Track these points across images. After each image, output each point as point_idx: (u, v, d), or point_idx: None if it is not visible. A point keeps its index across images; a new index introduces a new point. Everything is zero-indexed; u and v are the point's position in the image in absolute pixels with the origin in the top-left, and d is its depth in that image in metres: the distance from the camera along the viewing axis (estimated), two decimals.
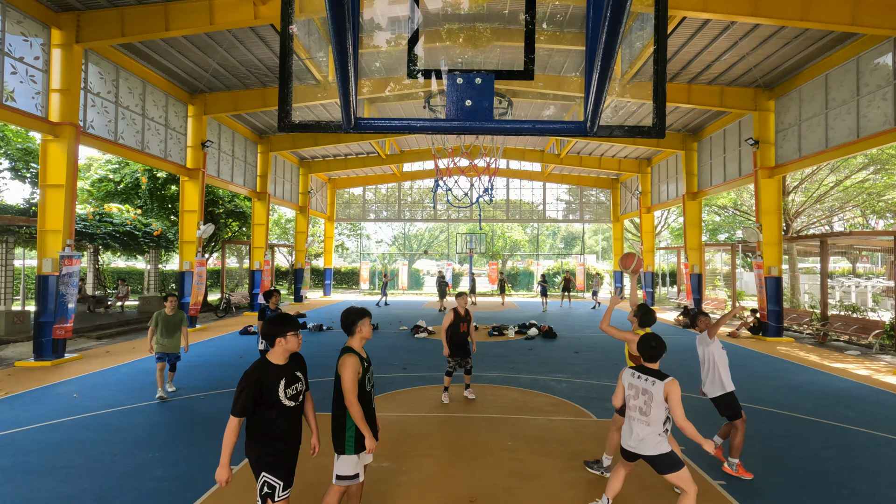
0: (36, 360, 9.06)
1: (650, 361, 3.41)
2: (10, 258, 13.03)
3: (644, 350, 3.41)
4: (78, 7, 9.67)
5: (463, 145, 12.54)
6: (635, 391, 3.40)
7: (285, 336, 2.87)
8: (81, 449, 4.94)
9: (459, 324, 6.74)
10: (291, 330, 2.90)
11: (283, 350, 2.88)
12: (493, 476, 4.42)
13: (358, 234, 39.19)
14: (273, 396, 2.78)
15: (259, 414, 2.78)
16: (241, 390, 2.73)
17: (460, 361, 6.78)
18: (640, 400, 3.35)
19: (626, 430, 3.45)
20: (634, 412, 3.38)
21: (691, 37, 11.29)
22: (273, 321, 2.90)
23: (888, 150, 18.73)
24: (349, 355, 3.10)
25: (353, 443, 3.10)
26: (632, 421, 3.40)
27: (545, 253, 42.65)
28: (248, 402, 2.72)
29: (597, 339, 12.53)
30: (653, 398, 3.27)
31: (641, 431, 3.32)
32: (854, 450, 5.16)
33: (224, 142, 16.39)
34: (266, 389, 2.77)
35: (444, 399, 6.75)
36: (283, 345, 2.87)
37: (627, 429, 3.44)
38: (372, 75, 13.55)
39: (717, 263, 23.64)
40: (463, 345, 6.75)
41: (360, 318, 3.21)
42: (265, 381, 2.78)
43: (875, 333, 11.42)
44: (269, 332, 2.87)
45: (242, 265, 28.90)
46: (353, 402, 3.03)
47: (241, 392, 2.72)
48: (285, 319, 2.92)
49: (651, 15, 1.96)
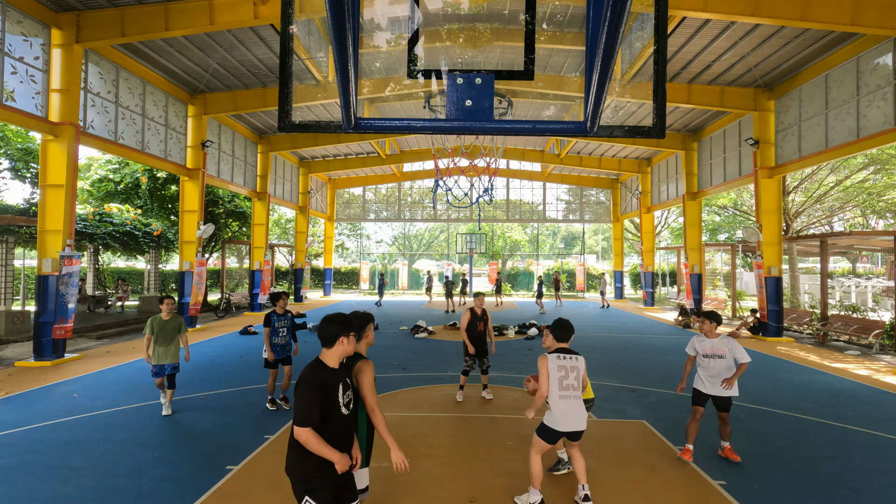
0: (36, 360, 9.06)
1: (565, 342, 3.87)
2: (10, 258, 13.04)
3: (559, 332, 3.86)
4: (78, 7, 9.67)
5: (463, 145, 12.55)
6: (566, 371, 3.73)
7: (349, 336, 2.63)
8: (81, 449, 4.94)
9: (476, 323, 6.78)
10: (354, 330, 2.70)
11: (343, 353, 2.63)
12: (493, 476, 4.42)
13: (358, 234, 39.19)
14: (333, 402, 2.50)
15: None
16: (308, 395, 2.41)
17: (478, 361, 6.81)
18: (571, 378, 3.72)
19: (562, 414, 3.67)
20: (569, 391, 3.69)
21: (691, 37, 11.29)
22: (333, 320, 2.64)
23: (888, 150, 18.73)
24: (366, 361, 2.96)
25: (366, 454, 3.00)
26: (568, 400, 3.68)
27: (545, 253, 42.64)
28: (316, 408, 2.41)
29: (597, 339, 12.53)
30: (579, 372, 3.75)
31: (577, 406, 3.70)
32: (854, 450, 5.16)
33: (224, 142, 16.39)
34: (328, 394, 2.49)
35: (459, 398, 6.80)
36: (345, 345, 2.62)
37: (565, 412, 3.67)
38: (372, 75, 13.56)
39: (717, 263, 23.64)
40: (480, 344, 6.78)
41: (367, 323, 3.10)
42: (327, 384, 2.51)
43: (875, 333, 11.42)
44: (329, 333, 2.59)
45: (242, 265, 28.90)
46: (376, 407, 2.89)
47: (309, 397, 2.40)
48: (348, 319, 2.69)
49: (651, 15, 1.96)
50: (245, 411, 6.22)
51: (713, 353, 4.71)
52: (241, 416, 6.02)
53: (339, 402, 2.53)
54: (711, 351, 4.72)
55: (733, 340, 4.71)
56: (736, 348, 4.67)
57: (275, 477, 4.31)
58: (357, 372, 2.91)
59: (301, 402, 2.40)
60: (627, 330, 14.36)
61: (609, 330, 14.25)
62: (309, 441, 2.38)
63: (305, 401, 2.39)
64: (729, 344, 4.70)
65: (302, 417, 2.38)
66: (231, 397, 6.86)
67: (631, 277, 31.53)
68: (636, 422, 6.00)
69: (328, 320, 2.65)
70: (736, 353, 4.66)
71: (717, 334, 4.78)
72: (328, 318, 2.66)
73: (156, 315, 6.07)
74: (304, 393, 2.41)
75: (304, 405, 2.38)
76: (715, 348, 4.71)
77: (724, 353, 4.68)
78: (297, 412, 2.40)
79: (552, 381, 3.69)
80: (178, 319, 6.11)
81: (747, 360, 4.61)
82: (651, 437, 5.42)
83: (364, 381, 2.88)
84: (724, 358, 4.69)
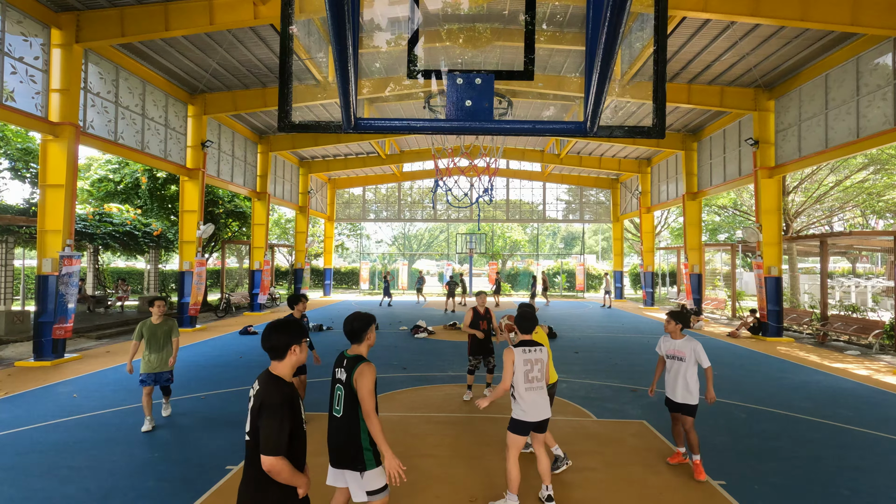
0: (36, 360, 9.05)
1: (529, 333, 3.93)
2: (10, 258, 13.04)
3: (523, 324, 3.92)
4: (78, 7, 9.67)
5: (463, 145, 12.54)
6: (531, 364, 3.79)
7: (300, 344, 2.35)
8: (81, 449, 4.94)
9: (479, 322, 6.79)
10: (306, 336, 2.42)
11: (296, 363, 2.35)
12: (493, 476, 4.42)
13: (358, 234, 39.19)
14: (298, 420, 2.26)
15: None
16: (279, 420, 2.13)
17: (482, 360, 6.84)
18: (536, 370, 3.79)
19: (530, 405, 3.74)
20: (534, 383, 3.78)
21: (691, 37, 11.29)
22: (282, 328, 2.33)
23: (888, 150, 18.73)
24: (368, 364, 2.88)
25: (373, 455, 2.90)
26: (533, 392, 3.77)
27: (545, 253, 42.63)
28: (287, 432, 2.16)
29: (597, 339, 12.53)
30: (543, 364, 3.84)
31: (542, 396, 3.79)
32: (854, 450, 5.16)
33: (224, 142, 16.39)
34: (294, 414, 2.23)
35: (466, 397, 6.83)
36: (298, 355, 2.34)
37: (532, 403, 3.75)
38: (372, 75, 13.56)
39: (717, 263, 23.65)
40: (484, 343, 6.80)
41: (370, 324, 3.00)
42: (293, 402, 2.25)
43: (875, 333, 11.42)
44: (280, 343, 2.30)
45: (242, 265, 28.90)
46: (372, 414, 2.81)
47: (280, 421, 2.13)
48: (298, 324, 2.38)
49: (651, 15, 1.96)
50: (245, 411, 6.21)
51: (674, 353, 4.53)
52: (240, 416, 6.02)
53: (303, 418, 2.33)
54: (672, 352, 4.55)
55: (698, 343, 4.47)
56: (699, 351, 4.42)
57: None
58: (358, 375, 2.84)
59: (273, 428, 2.11)
60: (627, 330, 14.36)
61: (609, 330, 14.25)
62: (282, 471, 2.11)
63: (277, 427, 2.12)
64: (692, 346, 4.46)
65: (275, 446, 2.11)
66: (231, 397, 6.86)
67: (631, 277, 31.54)
68: (636, 422, 6.00)
69: (276, 328, 2.32)
70: (699, 357, 4.41)
71: (682, 335, 4.56)
72: (275, 326, 2.33)
73: (145, 319, 5.57)
74: (276, 418, 2.13)
75: (277, 432, 2.11)
76: (676, 349, 4.51)
77: (685, 356, 4.45)
78: (270, 441, 2.10)
79: (518, 375, 3.76)
80: (171, 323, 5.65)
81: (706, 364, 4.41)
82: (651, 437, 5.42)
83: (364, 385, 2.81)
84: (684, 361, 4.45)
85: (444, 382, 7.82)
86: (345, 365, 2.95)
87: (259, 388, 2.26)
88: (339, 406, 2.91)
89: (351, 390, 2.85)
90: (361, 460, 2.85)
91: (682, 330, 4.59)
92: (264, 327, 2.42)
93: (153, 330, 5.50)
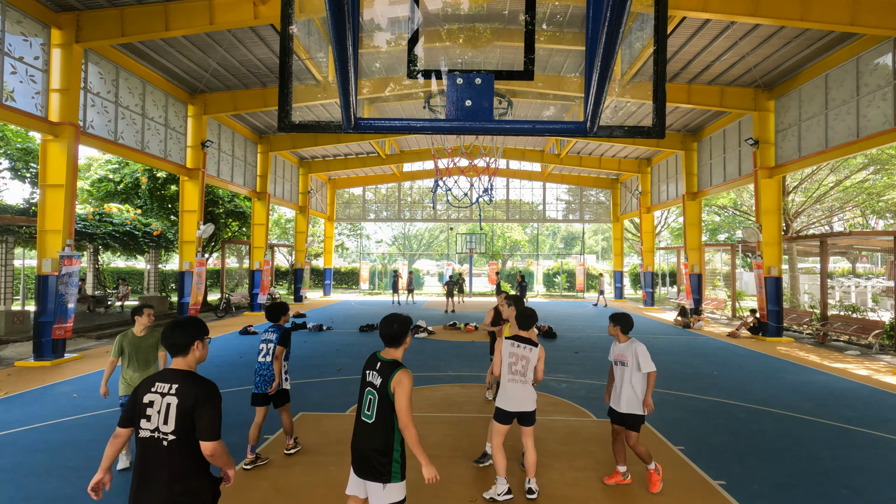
0: (36, 360, 9.05)
1: (526, 330, 4.10)
2: (10, 258, 13.04)
3: (521, 320, 4.10)
4: (78, 7, 9.67)
5: (463, 145, 12.54)
6: (516, 358, 3.98)
7: (203, 340, 2.45)
8: (81, 449, 4.94)
9: (501, 321, 6.78)
10: (206, 334, 2.48)
11: (199, 358, 2.45)
12: (493, 476, 4.41)
13: (358, 234, 39.20)
14: None
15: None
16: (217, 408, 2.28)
17: None
18: (520, 365, 3.97)
19: (510, 396, 3.96)
20: (516, 376, 3.97)
21: (691, 37, 11.29)
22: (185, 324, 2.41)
23: (888, 150, 18.73)
24: (405, 371, 2.74)
25: (400, 468, 2.77)
26: (515, 384, 3.96)
27: (545, 253, 42.64)
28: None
29: (596, 339, 12.53)
30: (529, 362, 3.98)
31: (523, 390, 3.95)
32: (854, 450, 5.16)
33: (224, 142, 16.39)
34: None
35: (489, 395, 6.88)
36: (201, 351, 2.45)
37: (511, 394, 3.96)
38: (372, 75, 13.55)
39: (717, 263, 23.65)
40: None
41: (409, 327, 2.90)
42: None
43: (875, 333, 11.42)
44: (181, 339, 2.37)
45: (242, 265, 28.91)
46: (410, 424, 2.67)
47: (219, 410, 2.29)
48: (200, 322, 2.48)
49: (651, 15, 1.96)
50: (244, 411, 6.21)
51: (618, 358, 4.21)
52: (239, 416, 6.01)
53: None
54: (616, 356, 4.24)
55: (640, 346, 4.12)
56: (641, 355, 4.06)
57: (275, 477, 4.31)
58: (396, 383, 2.68)
59: (216, 416, 2.25)
60: None
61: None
62: (224, 452, 2.29)
63: (218, 413, 2.28)
64: (634, 348, 4.11)
65: (218, 431, 2.25)
66: (230, 397, 6.86)
67: (631, 277, 31.54)
68: None
69: (179, 325, 2.39)
70: (640, 361, 4.04)
71: (627, 338, 4.23)
72: (179, 323, 2.40)
73: (125, 331, 4.61)
74: (217, 406, 2.28)
75: (219, 418, 2.27)
76: (620, 354, 4.19)
77: (627, 360, 4.11)
78: (214, 427, 2.22)
79: (504, 364, 4.01)
80: (157, 335, 4.65)
81: (650, 369, 4.02)
82: (651, 438, 5.42)
83: (402, 395, 2.67)
84: (627, 366, 4.11)
85: (444, 382, 7.82)
86: (378, 368, 2.79)
87: (180, 386, 2.27)
88: (371, 412, 2.75)
89: (387, 397, 2.70)
90: (388, 472, 2.71)
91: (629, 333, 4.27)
92: (165, 326, 2.44)
93: (136, 344, 4.55)
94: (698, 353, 10.79)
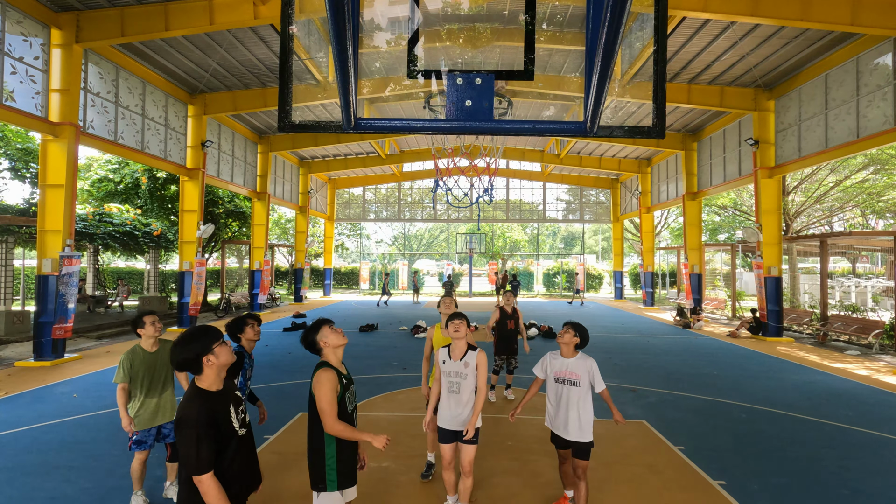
0: (36, 360, 9.05)
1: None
2: (10, 258, 13.04)
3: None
4: (78, 7, 9.67)
5: (463, 145, 12.53)
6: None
7: (213, 351, 2.21)
8: (81, 449, 4.94)
9: (506, 321, 6.78)
10: (216, 340, 2.25)
11: (218, 369, 2.23)
12: (493, 476, 4.42)
13: (358, 234, 39.20)
14: (228, 428, 2.18)
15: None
16: (195, 437, 2.03)
17: (507, 360, 6.84)
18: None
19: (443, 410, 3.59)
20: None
21: (691, 37, 11.29)
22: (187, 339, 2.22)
23: (888, 150, 18.73)
24: (325, 370, 2.62)
25: (336, 476, 2.60)
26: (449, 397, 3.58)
27: (545, 253, 42.64)
28: (210, 449, 2.07)
29: (596, 339, 12.52)
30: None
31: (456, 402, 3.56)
32: (854, 450, 5.16)
33: (224, 142, 16.39)
34: (221, 425, 2.16)
35: (491, 398, 6.81)
36: (215, 362, 2.22)
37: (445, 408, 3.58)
38: (372, 75, 13.55)
39: (717, 263, 23.65)
40: (510, 343, 6.79)
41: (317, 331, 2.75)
42: (217, 411, 2.17)
43: (875, 333, 11.42)
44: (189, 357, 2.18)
45: (242, 265, 28.91)
46: (333, 423, 2.53)
47: (197, 436, 2.04)
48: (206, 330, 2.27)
49: (651, 15, 1.96)
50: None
51: (564, 376, 3.57)
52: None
53: (234, 426, 2.21)
54: (563, 373, 3.58)
55: (594, 362, 3.58)
56: (595, 372, 3.54)
57: (275, 477, 4.31)
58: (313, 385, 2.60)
59: (188, 446, 2.02)
60: (627, 330, 14.36)
61: (609, 330, 14.25)
62: (208, 492, 2.03)
63: (191, 444, 2.02)
64: (588, 365, 3.55)
65: (196, 464, 2.02)
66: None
67: (631, 277, 31.54)
68: (636, 422, 6.00)
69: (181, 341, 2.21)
70: (594, 380, 3.53)
71: (576, 352, 3.63)
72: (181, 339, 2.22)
73: (132, 348, 3.73)
74: (189, 435, 2.03)
75: (194, 449, 2.02)
76: (569, 370, 3.55)
77: (579, 379, 3.51)
78: (189, 459, 2.02)
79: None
80: (168, 346, 3.78)
81: (601, 388, 3.54)
82: (651, 437, 5.42)
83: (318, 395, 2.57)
84: (578, 386, 3.50)
85: None
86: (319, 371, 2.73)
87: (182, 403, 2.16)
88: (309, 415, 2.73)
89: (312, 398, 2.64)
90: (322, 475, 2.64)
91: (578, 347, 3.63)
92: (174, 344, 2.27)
93: (149, 362, 3.72)
94: (698, 353, 10.79)
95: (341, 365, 2.77)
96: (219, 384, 2.24)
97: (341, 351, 2.78)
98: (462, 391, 3.53)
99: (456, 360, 3.55)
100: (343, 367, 2.80)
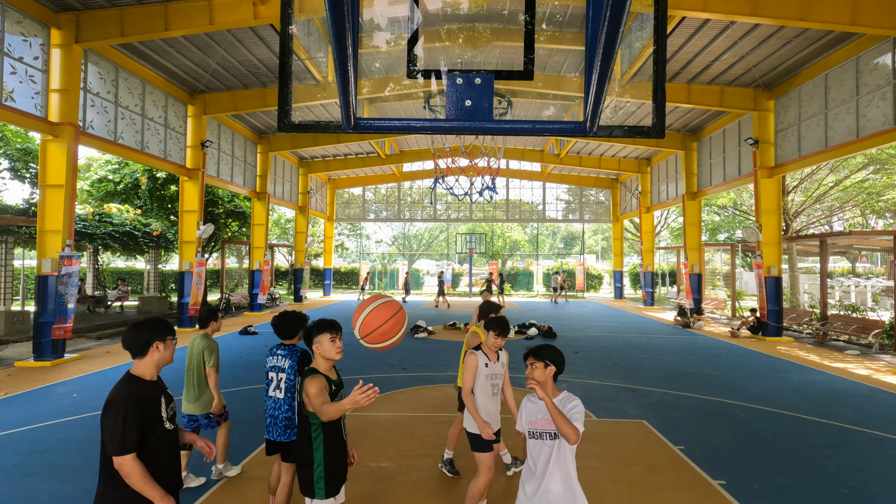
0: (35, 360, 9.05)
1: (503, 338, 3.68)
2: (9, 258, 13.04)
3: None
4: (77, 7, 9.66)
5: (463, 145, 12.54)
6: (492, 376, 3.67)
7: (164, 341, 2.29)
8: (81, 449, 4.94)
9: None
10: (170, 334, 2.32)
11: (159, 360, 2.28)
12: (493, 476, 4.41)
13: (358, 234, 39.19)
14: (156, 415, 2.18)
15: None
16: (122, 417, 2.05)
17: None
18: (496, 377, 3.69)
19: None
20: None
21: (691, 37, 11.29)
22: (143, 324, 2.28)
23: (888, 150, 18.73)
24: (313, 377, 2.55)
25: (324, 484, 2.55)
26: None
27: (545, 253, 42.64)
28: (136, 430, 2.07)
29: (596, 338, 12.53)
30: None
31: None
32: (854, 450, 5.16)
33: (224, 142, 16.38)
34: (150, 412, 2.16)
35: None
36: (160, 353, 2.28)
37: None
38: (372, 75, 13.55)
39: (717, 263, 23.66)
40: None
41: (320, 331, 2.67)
42: (148, 397, 2.18)
43: (875, 333, 11.42)
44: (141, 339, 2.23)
45: (242, 265, 28.92)
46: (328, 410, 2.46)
47: (124, 418, 2.05)
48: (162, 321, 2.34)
49: (651, 15, 1.96)
50: (244, 411, 6.22)
51: (542, 427, 2.46)
52: (239, 416, 6.01)
53: (163, 416, 2.22)
54: (540, 422, 2.47)
55: (578, 402, 2.43)
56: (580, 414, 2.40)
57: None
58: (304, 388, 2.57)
59: (112, 426, 2.04)
60: (627, 330, 14.36)
61: (609, 330, 14.25)
62: (131, 473, 2.03)
63: (117, 424, 2.04)
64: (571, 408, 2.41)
65: (120, 444, 2.03)
66: (230, 397, 6.85)
67: (631, 277, 31.55)
68: (636, 422, 6.00)
69: (138, 324, 2.28)
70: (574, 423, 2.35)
71: (558, 391, 2.51)
72: (138, 323, 2.29)
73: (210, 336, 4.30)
74: (117, 416, 2.05)
75: (119, 429, 2.03)
76: (548, 417, 2.40)
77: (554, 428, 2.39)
78: (113, 439, 2.03)
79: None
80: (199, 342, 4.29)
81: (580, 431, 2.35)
82: (651, 437, 5.42)
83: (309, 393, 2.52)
84: (559, 438, 2.40)
85: (444, 382, 7.82)
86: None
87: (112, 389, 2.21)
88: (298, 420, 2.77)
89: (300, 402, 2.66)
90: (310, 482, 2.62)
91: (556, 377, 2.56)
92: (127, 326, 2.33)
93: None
94: (698, 352, 10.80)
95: (331, 371, 2.71)
96: (153, 375, 2.28)
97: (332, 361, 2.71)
98: (499, 392, 3.68)
99: (495, 361, 3.66)
100: (333, 372, 2.74)
